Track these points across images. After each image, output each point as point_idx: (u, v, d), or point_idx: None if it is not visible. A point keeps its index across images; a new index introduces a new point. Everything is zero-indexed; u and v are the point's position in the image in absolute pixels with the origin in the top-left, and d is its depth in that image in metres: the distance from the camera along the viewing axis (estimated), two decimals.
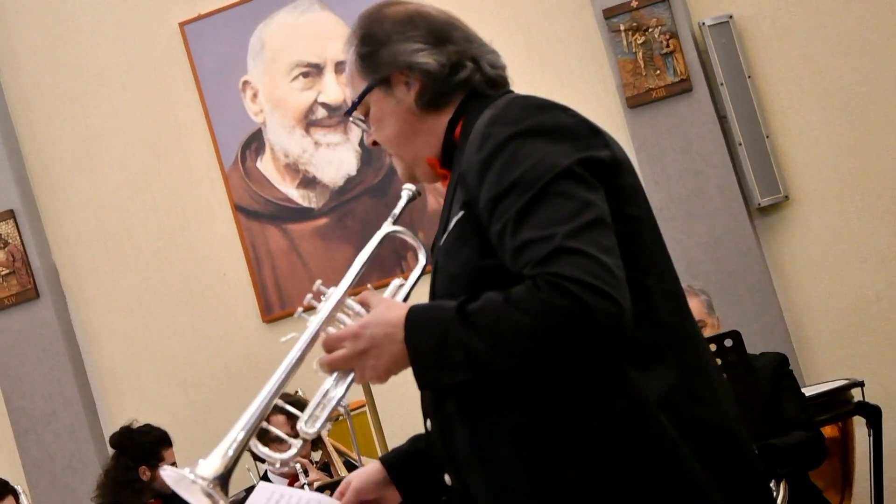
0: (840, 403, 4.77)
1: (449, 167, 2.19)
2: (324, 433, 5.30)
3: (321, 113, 6.40)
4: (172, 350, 6.57)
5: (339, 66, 6.40)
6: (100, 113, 6.61)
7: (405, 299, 2.17)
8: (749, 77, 6.09)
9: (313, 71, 6.40)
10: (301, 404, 5.64)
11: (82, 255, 6.64)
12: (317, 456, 5.53)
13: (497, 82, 2.22)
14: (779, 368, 4.47)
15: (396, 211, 2.36)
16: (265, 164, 6.46)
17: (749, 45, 6.15)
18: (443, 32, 2.20)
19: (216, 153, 6.48)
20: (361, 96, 2.20)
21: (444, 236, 2.10)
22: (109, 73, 6.60)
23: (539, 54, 6.24)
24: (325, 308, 2.16)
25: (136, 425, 5.55)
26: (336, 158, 6.39)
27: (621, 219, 1.96)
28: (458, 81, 2.18)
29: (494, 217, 1.96)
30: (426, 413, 2.18)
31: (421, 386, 2.03)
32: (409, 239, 2.30)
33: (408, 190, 2.34)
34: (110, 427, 6.22)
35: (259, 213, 6.46)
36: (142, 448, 5.48)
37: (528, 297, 1.87)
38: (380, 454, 5.76)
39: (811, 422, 4.36)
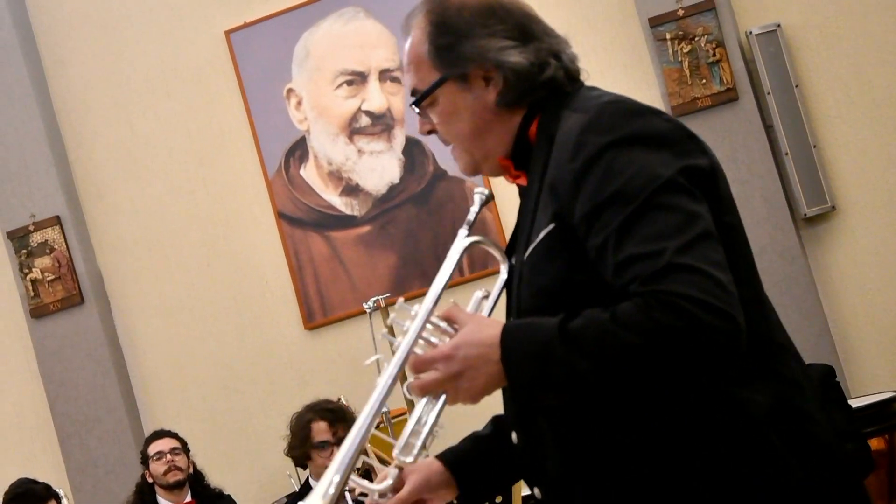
0: (887, 416, 4.72)
1: (523, 168, 2.10)
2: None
3: (365, 121, 6.40)
4: (214, 356, 6.58)
5: (383, 75, 6.40)
6: (145, 120, 6.65)
7: (490, 313, 2.06)
8: (796, 86, 6.05)
9: (357, 79, 6.41)
10: (342, 411, 5.59)
11: (127, 262, 6.67)
12: (357, 462, 5.53)
13: (574, 77, 2.13)
14: (825, 380, 4.43)
15: (471, 217, 2.17)
16: (308, 172, 6.47)
17: (796, 55, 6.10)
18: (526, 27, 2.10)
19: (260, 160, 6.50)
20: (434, 87, 2.08)
21: (531, 248, 2.00)
22: (155, 81, 6.63)
23: (584, 62, 6.21)
24: (412, 328, 2.02)
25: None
26: (379, 166, 6.39)
27: (720, 228, 1.90)
28: (544, 80, 2.07)
29: (593, 231, 1.88)
30: (511, 425, 2.11)
31: (517, 403, 2.00)
32: (490, 248, 2.15)
33: (480, 194, 2.19)
34: None
35: (302, 220, 6.47)
36: (141, 457, 5.80)
37: (639, 316, 1.79)
38: None
39: (858, 434, 4.31)
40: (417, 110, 2.15)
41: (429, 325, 2.01)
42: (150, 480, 5.73)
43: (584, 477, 1.95)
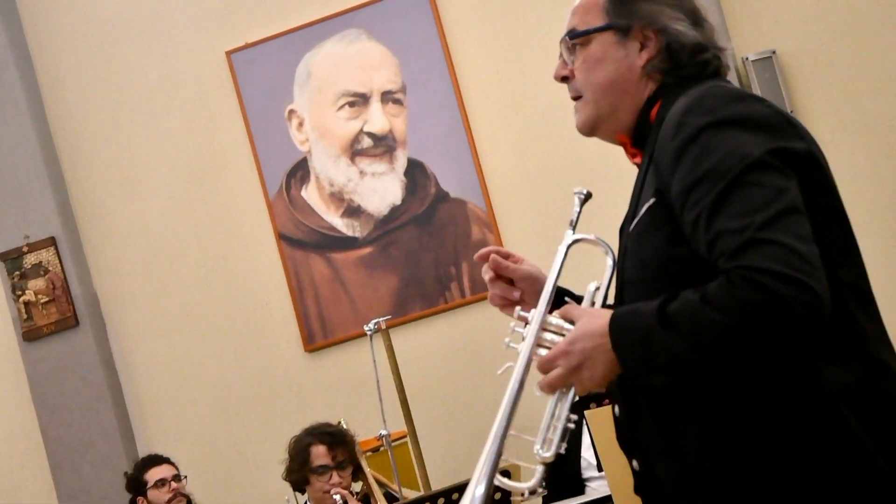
0: None
1: (640, 147, 2.22)
2: (364, 463, 5.29)
3: (367, 142, 6.41)
4: (213, 379, 6.51)
5: (385, 96, 6.43)
6: (144, 140, 6.59)
7: (604, 303, 2.18)
8: (791, 111, 6.19)
9: (359, 101, 6.42)
10: (342, 435, 5.51)
11: (123, 284, 6.59)
12: (357, 487, 5.49)
13: (719, 72, 2.23)
14: None
15: (574, 217, 2.30)
16: (310, 193, 6.46)
17: (792, 81, 6.24)
18: (698, 15, 2.24)
19: (261, 181, 6.47)
20: (594, 31, 2.21)
21: (635, 221, 2.11)
22: (155, 101, 6.58)
23: None
24: (531, 332, 2.15)
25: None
26: (381, 188, 6.40)
27: (813, 209, 1.97)
28: (698, 62, 2.19)
29: (687, 206, 1.99)
30: (614, 399, 2.22)
31: (631, 384, 2.10)
32: (595, 242, 2.25)
33: (579, 194, 2.30)
34: None
35: (303, 241, 6.45)
36: (131, 484, 5.57)
37: (723, 294, 1.89)
38: (420, 485, 5.72)
39: None
40: (563, 42, 2.24)
41: (551, 327, 2.14)
42: None
43: (675, 447, 2.05)
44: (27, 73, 6.61)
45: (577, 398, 2.14)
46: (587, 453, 5.63)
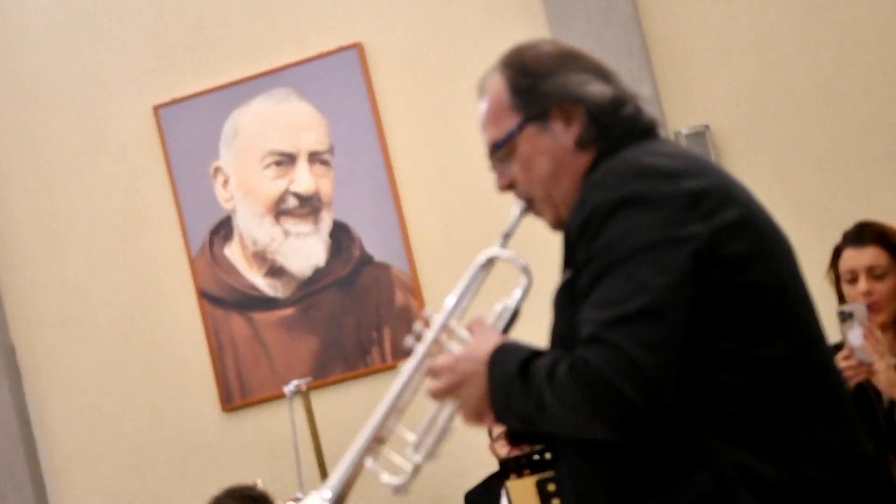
0: None
1: None
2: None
3: (292, 202, 6.36)
4: (128, 436, 6.46)
5: (312, 157, 6.37)
6: (66, 193, 6.55)
7: (506, 327, 2.20)
8: None
9: (286, 160, 6.38)
10: (263, 498, 5.48)
11: (41, 336, 6.54)
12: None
13: (649, 130, 2.18)
14: None
15: (507, 229, 2.27)
16: (233, 251, 6.41)
17: (724, 157, 6.19)
18: (602, 68, 2.16)
19: (184, 238, 6.42)
20: (514, 133, 2.15)
21: (557, 290, 2.12)
22: (78, 153, 6.53)
23: None
24: (427, 336, 2.19)
25: None
26: (305, 249, 6.36)
27: (727, 288, 1.95)
28: (622, 118, 2.13)
29: (580, 286, 2.01)
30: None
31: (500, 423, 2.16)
32: (515, 263, 2.25)
33: (520, 205, 2.25)
34: None
35: (224, 300, 6.40)
36: None
37: (562, 378, 1.93)
38: None
39: None
40: (491, 158, 2.23)
41: (453, 335, 2.17)
42: None
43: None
44: None
45: (457, 414, 2.16)
46: None
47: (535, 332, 2.32)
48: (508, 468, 4.38)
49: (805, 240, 6.09)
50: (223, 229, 6.42)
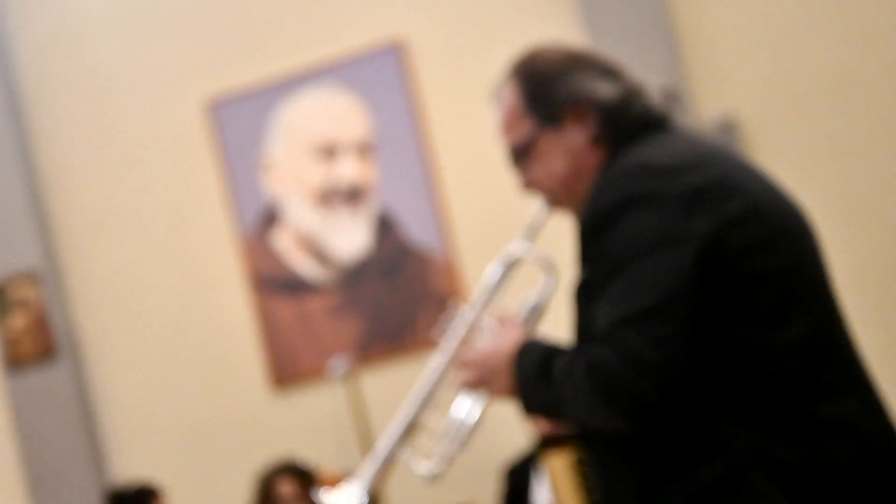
0: None
1: None
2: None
3: (337, 191, 6.57)
4: (182, 414, 6.71)
5: (356, 147, 6.57)
6: (123, 182, 6.81)
7: (531, 322, 2.27)
8: None
9: (332, 150, 6.58)
10: (308, 473, 5.64)
11: (101, 319, 6.80)
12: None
13: (657, 121, 2.20)
14: None
15: (531, 225, 2.32)
16: (280, 238, 6.63)
17: (751, 145, 6.16)
18: (610, 67, 2.22)
19: (233, 226, 6.66)
20: (531, 136, 2.21)
21: (575, 289, 2.16)
22: (135, 145, 6.81)
23: None
24: (457, 329, 2.27)
25: (120, 484, 5.66)
26: (349, 235, 6.55)
27: (736, 278, 1.99)
28: (634, 114, 2.17)
29: (593, 284, 2.07)
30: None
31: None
32: (539, 261, 2.31)
33: (540, 202, 2.31)
34: None
35: (272, 284, 6.62)
36: (130, 503, 5.67)
37: (580, 375, 1.99)
38: None
39: None
40: (512, 164, 2.28)
41: (483, 329, 2.25)
42: None
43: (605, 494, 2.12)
44: (17, 115, 6.85)
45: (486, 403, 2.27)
46: (542, 500, 5.67)
47: (561, 326, 2.38)
48: (548, 444, 4.45)
49: (831, 227, 6.15)
50: (271, 217, 6.65)
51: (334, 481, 5.76)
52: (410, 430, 2.28)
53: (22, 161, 6.78)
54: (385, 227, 6.53)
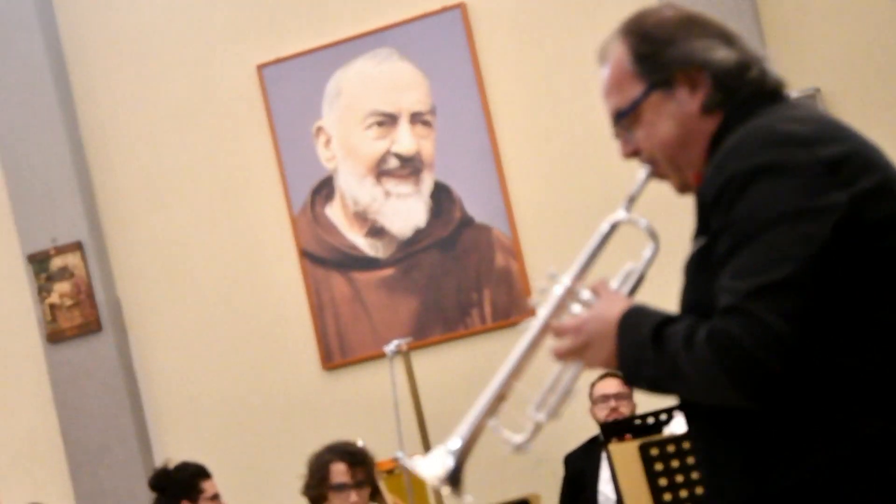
0: None
1: None
2: (382, 485, 5.30)
3: (393, 163, 6.37)
4: (230, 391, 6.56)
5: (413, 117, 6.37)
6: (172, 150, 6.63)
7: (632, 290, 2.19)
8: None
9: (388, 121, 6.38)
10: (362, 455, 5.53)
11: (146, 291, 6.65)
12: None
13: (775, 89, 2.14)
14: None
15: (633, 192, 2.23)
16: (334, 211, 6.44)
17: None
18: (726, 32, 2.14)
19: (286, 197, 6.47)
20: (639, 101, 2.13)
21: (689, 257, 2.10)
22: (184, 111, 6.61)
23: None
24: (552, 298, 2.17)
25: (171, 465, 5.54)
26: (405, 209, 6.36)
27: (867, 254, 1.93)
28: (748, 80, 2.10)
29: (716, 254, 1.98)
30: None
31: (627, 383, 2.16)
32: (642, 227, 2.22)
33: (646, 169, 2.21)
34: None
35: (325, 259, 6.44)
36: (180, 484, 5.48)
37: (700, 347, 1.92)
38: None
39: None
40: (616, 126, 2.19)
41: (577, 297, 2.16)
42: None
43: (719, 485, 2.06)
44: (61, 80, 6.67)
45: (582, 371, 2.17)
46: (605, 487, 5.59)
47: (654, 295, 2.31)
48: (609, 432, 4.36)
49: None
50: (325, 189, 6.45)
51: (387, 466, 5.64)
52: (500, 398, 2.17)
53: (66, 127, 6.61)
54: (443, 201, 6.33)
